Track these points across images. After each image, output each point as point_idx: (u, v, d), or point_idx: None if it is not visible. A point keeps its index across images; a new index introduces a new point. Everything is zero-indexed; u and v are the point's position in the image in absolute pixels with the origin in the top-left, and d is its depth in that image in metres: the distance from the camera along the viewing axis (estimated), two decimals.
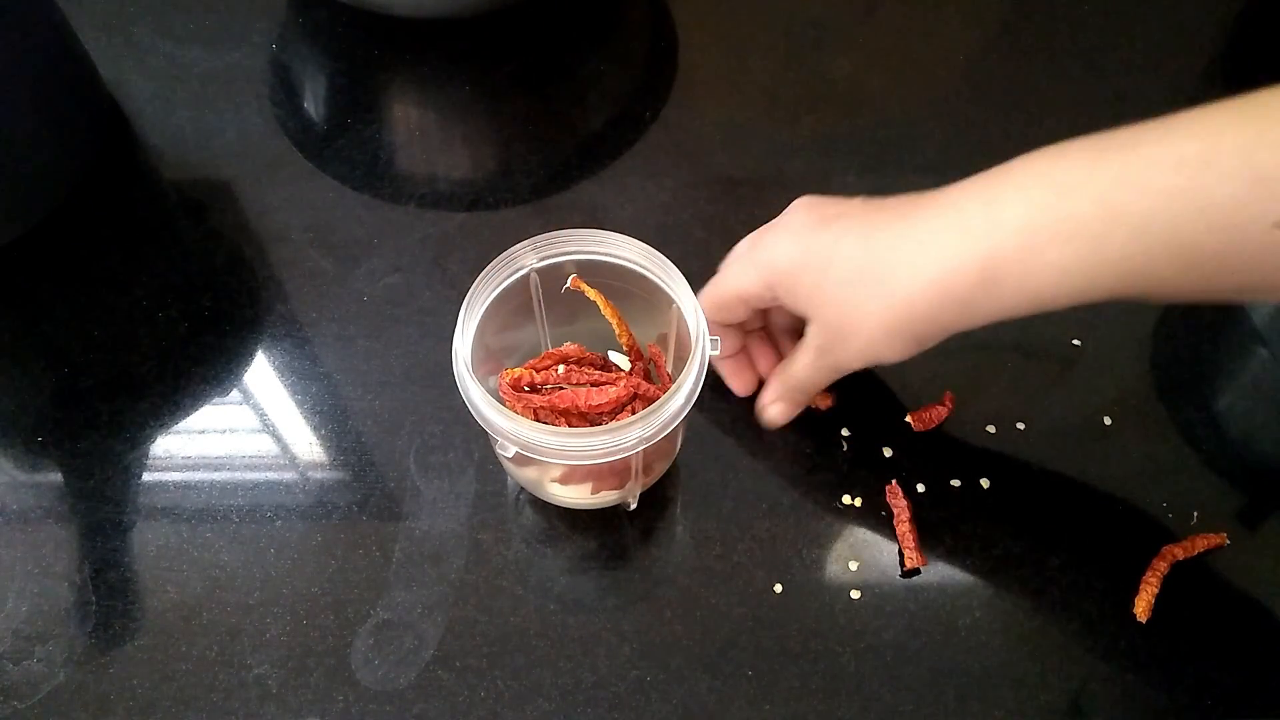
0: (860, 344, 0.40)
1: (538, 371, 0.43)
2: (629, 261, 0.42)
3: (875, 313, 0.39)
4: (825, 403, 0.49)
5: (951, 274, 0.36)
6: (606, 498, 0.45)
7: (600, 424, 0.42)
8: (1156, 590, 0.43)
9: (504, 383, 0.42)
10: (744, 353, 0.48)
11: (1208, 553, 0.44)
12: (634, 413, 0.41)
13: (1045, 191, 0.35)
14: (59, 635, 0.43)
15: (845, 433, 0.48)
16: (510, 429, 0.38)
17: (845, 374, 0.43)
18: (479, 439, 0.48)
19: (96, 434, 0.48)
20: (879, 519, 0.46)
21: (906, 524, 0.44)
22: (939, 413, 0.48)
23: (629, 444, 0.38)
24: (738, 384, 0.48)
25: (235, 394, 0.50)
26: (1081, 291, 0.35)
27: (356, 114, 0.60)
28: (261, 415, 0.50)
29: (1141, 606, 0.42)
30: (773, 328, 0.49)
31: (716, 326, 0.46)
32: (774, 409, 0.46)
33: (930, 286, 0.37)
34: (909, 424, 0.48)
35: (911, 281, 0.37)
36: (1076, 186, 0.34)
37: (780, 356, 0.48)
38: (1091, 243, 0.34)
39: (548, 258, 0.42)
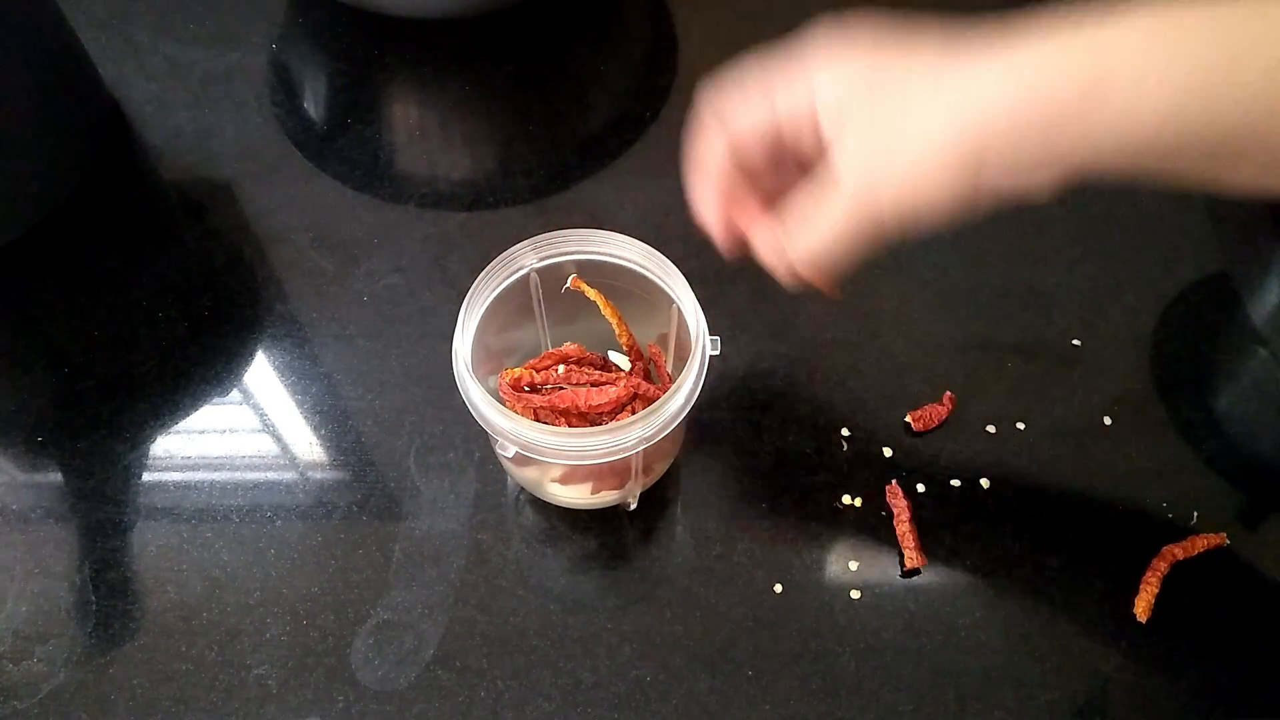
0: (908, 169, 0.32)
1: (538, 371, 0.43)
2: (629, 261, 0.42)
3: (940, 122, 0.32)
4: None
5: (1051, 81, 0.31)
6: (606, 498, 0.45)
7: (600, 424, 0.42)
8: (1156, 590, 0.43)
9: (504, 383, 0.42)
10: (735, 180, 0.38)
11: (1208, 553, 0.44)
12: (634, 413, 0.41)
13: (1163, 25, 0.30)
14: (59, 635, 0.43)
15: (845, 433, 0.48)
16: (510, 429, 0.38)
17: (877, 232, 0.34)
18: (479, 439, 0.48)
19: (96, 434, 0.48)
20: (879, 519, 0.46)
21: (906, 524, 0.44)
22: (939, 412, 0.48)
23: (629, 444, 0.38)
24: (708, 210, 0.38)
25: (235, 394, 0.50)
26: (1185, 136, 0.30)
27: (356, 114, 0.60)
28: (261, 415, 0.50)
29: (1141, 606, 0.42)
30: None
31: (708, 119, 0.37)
32: (789, 279, 0.38)
33: (1023, 90, 0.31)
34: (909, 424, 0.48)
35: (993, 95, 0.31)
36: (1194, 27, 0.30)
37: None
38: (1213, 77, 0.29)
39: (548, 258, 0.42)
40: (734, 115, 0.37)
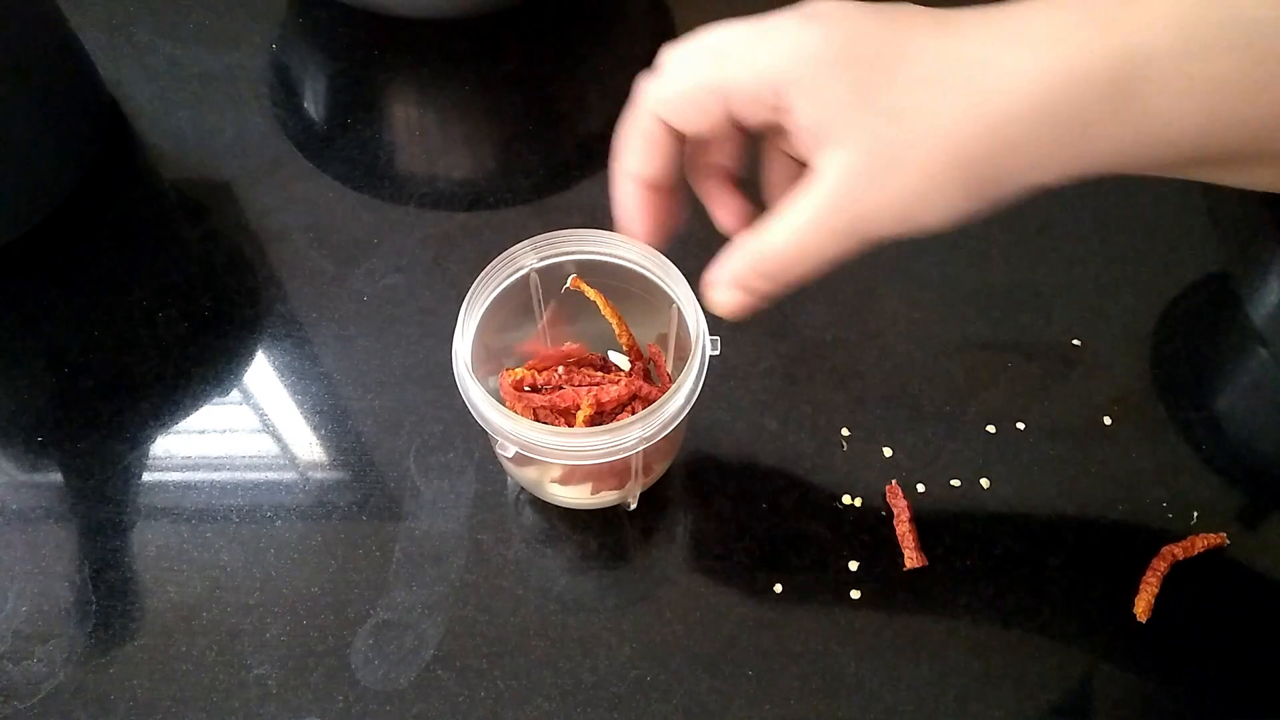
0: (905, 182, 0.28)
1: (539, 372, 0.43)
2: (629, 261, 0.42)
3: (944, 129, 0.27)
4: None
5: (1074, 75, 0.26)
6: (606, 498, 0.45)
7: (600, 424, 0.42)
8: (1156, 590, 0.43)
9: (505, 383, 0.42)
10: (663, 187, 0.34)
11: (1208, 553, 0.44)
12: (634, 413, 0.41)
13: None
14: (59, 635, 0.43)
15: (845, 433, 0.48)
16: (510, 429, 0.38)
17: (861, 248, 0.30)
18: (479, 439, 0.48)
19: (96, 434, 0.48)
20: (879, 519, 0.46)
21: (906, 524, 0.44)
22: None
23: (629, 444, 0.38)
24: (644, 226, 0.34)
25: (235, 394, 0.50)
26: (1228, 132, 0.26)
27: (356, 114, 0.60)
28: (261, 415, 0.50)
29: (1141, 606, 0.42)
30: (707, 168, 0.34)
31: (650, 126, 0.32)
32: (728, 294, 0.32)
33: (1039, 90, 0.26)
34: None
35: (1011, 82, 0.26)
36: None
37: (745, 206, 0.34)
38: (1263, 54, 0.25)
39: (548, 258, 0.42)
40: (673, 77, 0.31)
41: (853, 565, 0.44)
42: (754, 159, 0.36)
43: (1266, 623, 0.43)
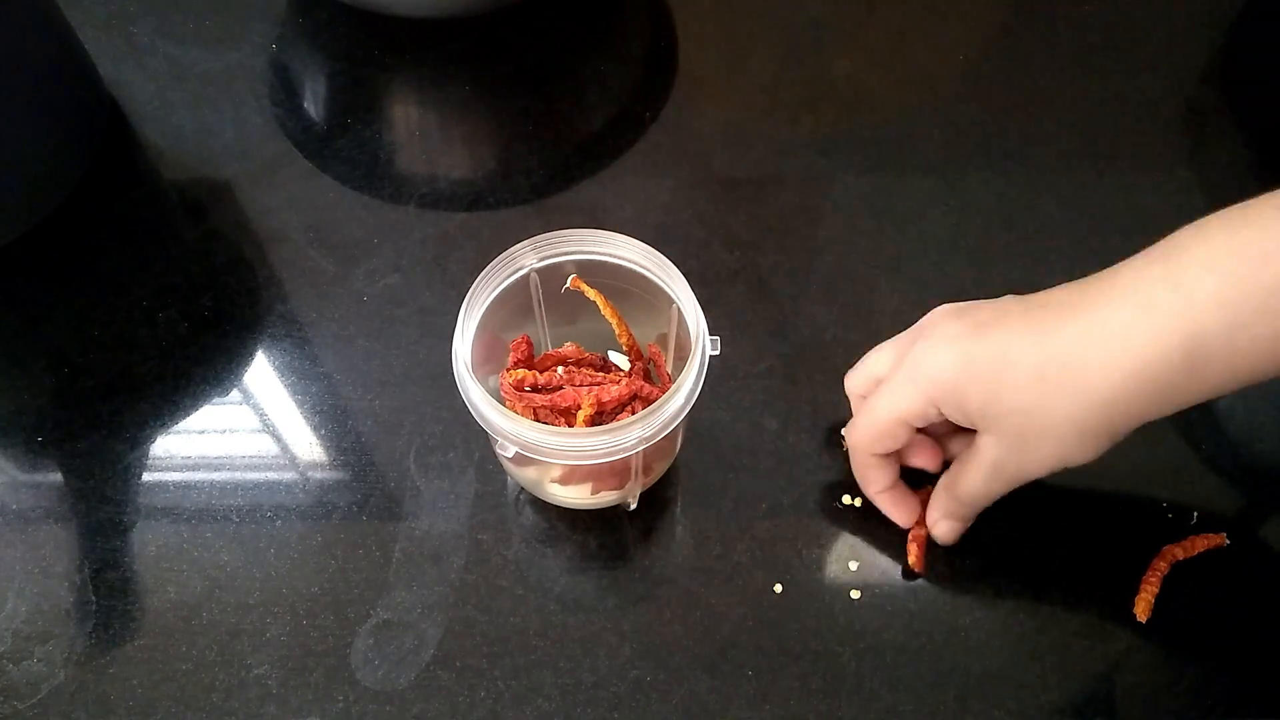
0: (1050, 450, 0.38)
1: (540, 373, 0.43)
2: (629, 261, 0.42)
3: (1067, 415, 0.36)
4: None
5: (1153, 361, 0.34)
6: (606, 498, 0.45)
7: (600, 424, 0.42)
8: (1156, 590, 0.43)
9: (505, 383, 0.42)
10: (897, 486, 0.45)
11: (1208, 553, 0.44)
12: (634, 413, 0.41)
13: (1237, 263, 0.33)
14: (59, 635, 0.43)
15: (845, 432, 0.48)
16: (510, 429, 0.38)
17: (1026, 483, 0.40)
18: (479, 439, 0.48)
19: (96, 434, 0.48)
20: (879, 519, 0.45)
21: (921, 530, 0.44)
22: None
23: (629, 444, 0.38)
24: (901, 514, 0.44)
25: (235, 394, 0.50)
26: (1266, 372, 0.34)
27: (356, 114, 0.60)
28: (261, 415, 0.50)
29: (1141, 606, 0.42)
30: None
31: (872, 460, 0.43)
32: (944, 525, 0.43)
33: (1130, 378, 0.35)
34: None
35: (1107, 376, 0.35)
36: (1272, 254, 0.33)
37: (941, 449, 0.44)
38: None
39: (548, 258, 0.42)
40: (888, 447, 0.43)
41: (853, 565, 0.44)
42: None
43: (1266, 623, 0.43)
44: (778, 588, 0.44)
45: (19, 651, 0.43)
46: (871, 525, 0.45)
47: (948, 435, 0.44)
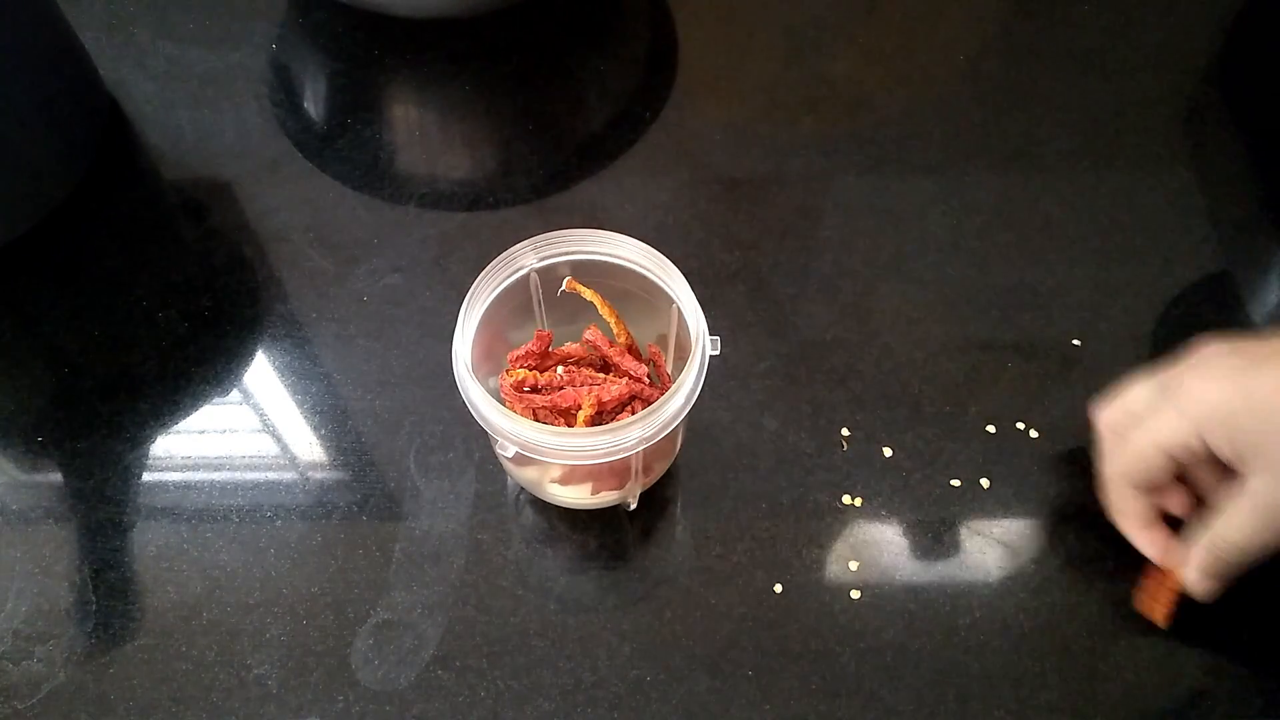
0: None
1: (541, 373, 0.43)
2: (629, 261, 0.42)
3: None
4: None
5: None
6: (606, 498, 0.45)
7: (600, 424, 0.42)
8: (1157, 590, 0.43)
9: (505, 383, 0.42)
10: (1161, 521, 0.43)
11: None
12: (634, 413, 0.41)
13: None
14: (59, 635, 0.43)
15: (845, 432, 0.48)
16: (510, 429, 0.38)
17: None
18: (479, 439, 0.48)
19: (96, 434, 0.48)
20: (879, 519, 0.46)
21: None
22: None
23: (629, 444, 0.38)
24: (1157, 551, 0.42)
25: (235, 394, 0.50)
26: None
27: (356, 114, 0.60)
28: (261, 415, 0.50)
29: (1143, 607, 0.42)
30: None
31: (1128, 492, 0.42)
32: (1206, 584, 0.41)
33: None
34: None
35: None
36: None
37: (1193, 494, 0.43)
38: None
39: (548, 258, 0.42)
40: (1148, 480, 0.41)
41: (853, 565, 0.45)
42: None
43: (1267, 622, 0.43)
44: (778, 588, 0.44)
45: (19, 651, 0.43)
46: (871, 525, 0.45)
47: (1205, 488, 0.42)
